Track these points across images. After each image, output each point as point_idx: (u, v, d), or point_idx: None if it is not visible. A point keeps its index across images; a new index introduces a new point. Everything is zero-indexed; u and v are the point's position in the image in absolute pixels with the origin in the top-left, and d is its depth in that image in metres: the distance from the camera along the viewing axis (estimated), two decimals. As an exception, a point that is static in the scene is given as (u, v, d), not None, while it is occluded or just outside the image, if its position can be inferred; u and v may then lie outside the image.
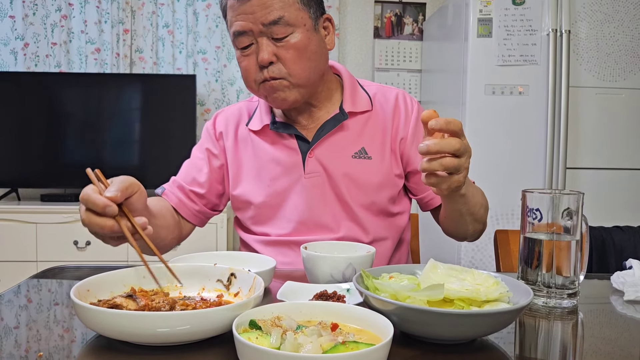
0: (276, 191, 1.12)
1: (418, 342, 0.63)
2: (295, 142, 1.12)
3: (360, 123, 1.13)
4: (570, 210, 0.78)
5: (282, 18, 0.99)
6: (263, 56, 1.00)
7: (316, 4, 1.06)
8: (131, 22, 3.09)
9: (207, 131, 1.22)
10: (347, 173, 1.11)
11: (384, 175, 1.13)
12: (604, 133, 2.43)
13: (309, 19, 1.03)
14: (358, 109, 1.13)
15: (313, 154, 1.11)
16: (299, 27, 1.01)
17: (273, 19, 0.98)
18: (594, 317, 0.80)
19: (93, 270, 0.93)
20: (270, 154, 1.13)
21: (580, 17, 2.38)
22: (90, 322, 0.59)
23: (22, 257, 2.65)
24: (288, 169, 1.12)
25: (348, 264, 0.84)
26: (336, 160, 1.11)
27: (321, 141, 1.11)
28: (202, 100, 3.15)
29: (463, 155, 0.80)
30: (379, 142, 1.13)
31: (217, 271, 0.76)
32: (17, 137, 2.90)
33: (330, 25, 1.10)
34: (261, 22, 0.99)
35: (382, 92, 1.19)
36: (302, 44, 1.02)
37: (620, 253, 1.33)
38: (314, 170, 1.11)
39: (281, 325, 0.58)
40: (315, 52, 1.04)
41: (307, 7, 1.03)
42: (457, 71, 2.51)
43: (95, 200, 0.73)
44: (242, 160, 1.17)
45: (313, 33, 1.04)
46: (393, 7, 3.27)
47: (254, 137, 1.16)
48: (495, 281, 0.69)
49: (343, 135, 1.12)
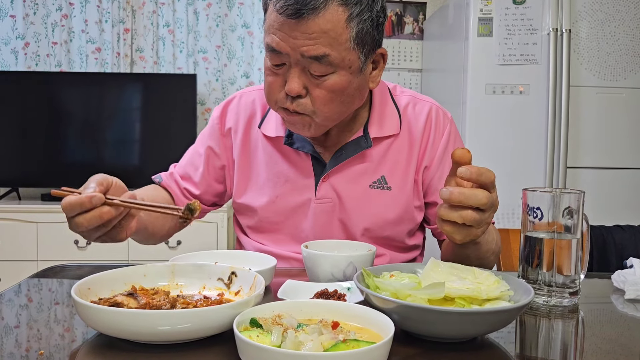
0: (282, 209, 1.05)
1: (419, 340, 0.63)
2: (310, 161, 1.03)
3: (384, 148, 1.03)
4: (571, 209, 0.78)
5: (327, 57, 0.85)
6: (292, 87, 0.88)
7: (372, 41, 0.90)
8: (132, 21, 3.09)
9: (213, 123, 1.12)
10: (361, 204, 1.02)
11: (403, 209, 1.04)
12: (604, 132, 2.43)
13: (357, 59, 0.89)
14: (384, 132, 1.03)
15: (327, 178, 1.02)
16: (342, 68, 0.88)
17: (316, 54, 0.85)
18: (595, 316, 0.80)
19: (94, 269, 0.92)
20: (282, 168, 1.05)
21: (581, 16, 2.38)
22: (91, 321, 0.59)
23: (22, 256, 2.65)
24: (298, 189, 1.04)
25: (349, 263, 0.84)
26: (351, 189, 1.02)
27: (338, 167, 1.02)
28: (203, 99, 3.15)
29: (488, 211, 0.74)
30: (402, 170, 1.04)
31: (218, 270, 0.76)
32: (18, 136, 2.91)
33: (382, 61, 0.96)
34: (301, 52, 0.85)
35: (414, 105, 1.07)
36: (339, 88, 0.89)
37: (621, 252, 1.33)
38: (326, 196, 1.02)
39: (282, 323, 0.58)
40: (352, 95, 0.93)
41: (360, 46, 0.88)
42: (458, 70, 2.51)
43: (77, 200, 0.70)
44: (252, 166, 1.08)
45: (356, 75, 0.91)
46: (394, 7, 3.27)
47: (266, 144, 1.06)
48: (496, 280, 0.69)
49: (363, 162, 1.03)
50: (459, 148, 0.76)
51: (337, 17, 0.84)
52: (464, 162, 0.75)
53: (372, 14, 0.87)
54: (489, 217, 0.76)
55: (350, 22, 0.85)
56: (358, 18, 0.86)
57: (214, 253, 0.93)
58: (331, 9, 0.83)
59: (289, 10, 0.83)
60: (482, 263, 0.92)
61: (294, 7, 0.82)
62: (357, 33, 0.86)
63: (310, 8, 0.82)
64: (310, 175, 1.03)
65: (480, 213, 0.74)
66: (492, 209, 0.75)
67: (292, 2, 0.82)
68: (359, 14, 0.86)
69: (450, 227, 0.76)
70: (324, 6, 0.83)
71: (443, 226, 0.76)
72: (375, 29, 0.90)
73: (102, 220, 0.72)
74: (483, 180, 0.73)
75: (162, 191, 1.12)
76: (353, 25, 0.86)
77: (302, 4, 0.82)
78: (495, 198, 0.75)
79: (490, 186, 0.74)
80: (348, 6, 0.84)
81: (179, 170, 1.14)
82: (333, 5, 0.83)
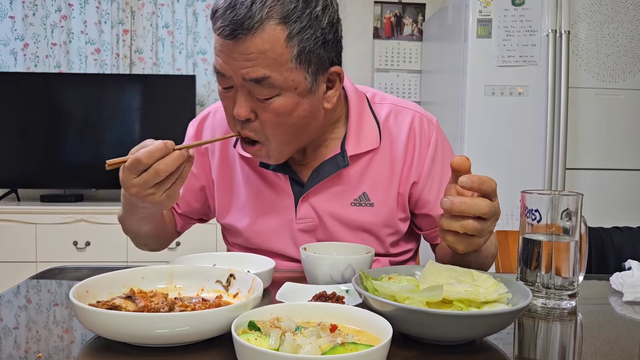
0: (264, 229, 1.02)
1: (417, 343, 0.63)
2: (287, 182, 1.00)
3: (364, 164, 0.99)
4: (569, 211, 0.78)
5: (267, 79, 0.81)
6: (239, 111, 0.84)
7: (319, 60, 0.85)
8: (131, 22, 3.09)
9: (189, 141, 1.07)
10: (343, 221, 1.00)
11: (386, 224, 1.01)
12: (603, 134, 2.43)
13: (303, 80, 0.84)
14: (362, 148, 0.98)
15: (307, 199, 0.99)
16: (287, 90, 0.83)
17: (256, 77, 0.81)
18: (593, 318, 0.80)
19: (92, 271, 0.93)
20: (261, 190, 1.02)
21: (580, 17, 2.38)
22: (89, 323, 0.59)
23: (21, 257, 2.65)
24: (278, 210, 1.01)
25: (347, 265, 0.84)
26: (332, 207, 0.99)
27: (316, 187, 0.98)
28: (202, 100, 3.15)
29: (490, 220, 0.73)
30: (384, 185, 1.00)
31: (216, 272, 0.76)
32: (17, 137, 2.91)
33: (338, 80, 0.91)
34: (242, 75, 0.81)
35: (396, 115, 1.02)
36: (286, 110, 0.84)
37: (620, 254, 1.33)
38: (307, 216, 1.00)
39: (280, 326, 0.57)
40: (304, 117, 0.87)
41: (304, 65, 0.83)
42: (457, 72, 2.51)
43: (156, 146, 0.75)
44: (232, 186, 1.05)
45: (305, 96, 0.85)
46: (392, 8, 3.28)
47: (242, 164, 1.03)
48: (494, 282, 0.69)
49: (342, 181, 0.99)
50: (458, 156, 0.75)
51: (275, 36, 0.79)
52: (464, 170, 0.74)
53: (315, 31, 0.82)
54: (491, 225, 0.75)
55: (290, 41, 0.80)
56: (299, 37, 0.81)
57: (213, 255, 0.93)
58: (268, 28, 0.79)
59: (225, 31, 0.80)
60: (481, 267, 0.90)
61: (230, 28, 0.79)
62: (300, 52, 0.82)
63: (245, 28, 0.78)
64: (290, 196, 1.00)
65: (482, 222, 0.72)
66: (494, 218, 0.74)
67: (227, 22, 0.79)
68: (300, 31, 0.81)
69: (452, 237, 0.74)
70: (259, 25, 0.78)
71: (445, 236, 0.75)
72: (322, 47, 0.84)
73: (178, 163, 0.77)
74: (485, 189, 0.72)
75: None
76: (294, 44, 0.81)
77: (236, 24, 0.78)
78: (497, 207, 0.74)
79: (492, 195, 0.73)
80: (287, 24, 0.80)
81: None
82: (270, 25, 0.79)
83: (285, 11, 0.79)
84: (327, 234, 1.01)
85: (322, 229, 1.01)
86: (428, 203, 1.02)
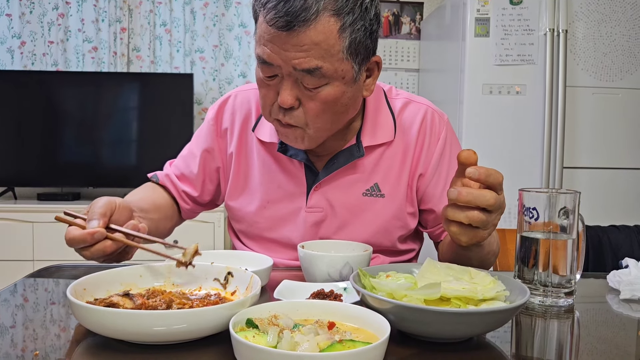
0: (272, 215, 1.04)
1: (415, 340, 0.63)
2: (302, 170, 1.02)
3: (377, 155, 1.02)
4: (566, 209, 0.78)
5: (319, 69, 0.82)
6: (284, 99, 0.85)
7: (366, 50, 0.87)
8: (128, 20, 3.09)
9: (209, 124, 1.10)
10: (354, 211, 1.02)
11: (395, 216, 1.03)
12: (600, 133, 2.44)
13: (351, 69, 0.86)
14: (378, 140, 1.00)
15: (319, 188, 1.01)
16: (336, 79, 0.85)
17: (308, 67, 0.82)
18: (590, 316, 0.80)
19: (89, 269, 0.92)
20: (274, 175, 1.04)
21: (578, 17, 2.38)
22: (86, 321, 0.59)
23: (18, 256, 2.64)
24: (289, 197, 1.03)
25: (345, 263, 0.84)
26: (344, 197, 1.01)
27: (330, 176, 1.00)
28: (200, 99, 3.15)
29: (495, 212, 0.74)
30: (395, 177, 1.02)
31: (214, 270, 0.76)
32: (14, 135, 2.90)
33: (377, 68, 0.93)
34: (293, 65, 0.82)
35: (410, 108, 1.05)
36: (333, 99, 0.86)
37: (617, 252, 1.33)
38: (318, 205, 1.01)
39: (278, 324, 0.58)
40: (346, 104, 0.90)
41: (353, 56, 0.85)
42: (455, 71, 2.51)
43: (80, 237, 0.75)
44: (246, 169, 1.07)
45: (350, 85, 0.88)
46: (391, 7, 3.28)
47: (259, 148, 1.05)
48: (492, 280, 0.69)
49: (355, 171, 1.01)
50: (465, 150, 0.75)
51: (329, 28, 0.81)
52: (470, 163, 0.74)
53: (365, 22, 0.84)
54: (496, 218, 0.75)
55: (343, 32, 0.82)
56: (351, 28, 0.83)
57: (211, 253, 0.92)
58: (323, 20, 0.80)
59: (280, 22, 0.80)
60: (482, 264, 0.91)
61: (285, 19, 0.79)
62: (350, 43, 0.83)
63: (301, 20, 0.79)
64: (303, 184, 1.02)
65: (487, 214, 0.73)
66: (499, 211, 0.74)
67: (282, 13, 0.79)
68: (352, 23, 0.82)
69: (456, 228, 0.75)
70: (315, 17, 0.79)
71: (449, 227, 0.75)
72: (369, 38, 0.87)
73: (105, 253, 0.76)
74: (491, 181, 0.72)
75: (161, 192, 1.11)
76: (346, 36, 0.82)
77: (292, 16, 0.79)
78: (502, 200, 0.74)
79: (498, 187, 0.73)
80: (340, 16, 0.81)
81: (175, 171, 1.13)
82: (325, 16, 0.80)
83: (338, 3, 0.81)
84: (335, 225, 1.02)
85: (331, 219, 1.02)
86: (433, 197, 1.03)
